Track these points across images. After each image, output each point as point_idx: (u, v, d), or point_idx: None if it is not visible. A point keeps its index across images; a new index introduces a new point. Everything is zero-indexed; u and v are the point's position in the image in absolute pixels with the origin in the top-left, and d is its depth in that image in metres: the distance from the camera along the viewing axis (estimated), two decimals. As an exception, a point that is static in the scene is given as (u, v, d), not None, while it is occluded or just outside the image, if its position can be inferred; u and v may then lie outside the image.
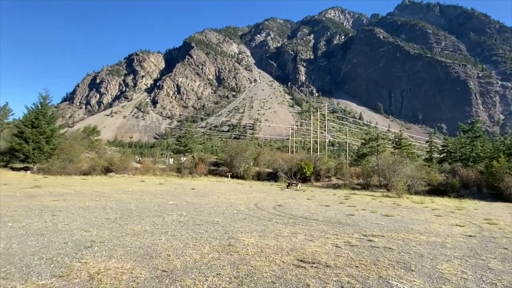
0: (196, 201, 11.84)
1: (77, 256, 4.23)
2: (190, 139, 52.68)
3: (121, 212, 8.24)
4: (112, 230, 5.99)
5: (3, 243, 4.67)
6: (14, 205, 8.48)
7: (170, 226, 6.76)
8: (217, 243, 5.38)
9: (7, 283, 3.20)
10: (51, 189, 13.43)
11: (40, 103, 27.67)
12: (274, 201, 13.17)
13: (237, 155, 36.54)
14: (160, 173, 31.61)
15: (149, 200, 11.32)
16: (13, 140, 25.64)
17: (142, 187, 16.98)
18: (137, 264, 4.01)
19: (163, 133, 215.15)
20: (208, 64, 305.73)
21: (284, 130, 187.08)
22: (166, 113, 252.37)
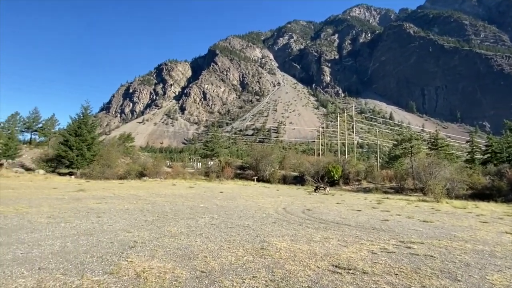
0: (226, 204, 12.10)
1: (123, 255, 4.57)
2: (217, 143, 53.95)
3: (157, 215, 8.70)
4: (151, 232, 6.36)
5: (59, 242, 5.18)
6: (64, 207, 9.34)
7: (203, 228, 7.01)
8: (250, 246, 5.47)
9: (66, 278, 3.56)
10: (93, 192, 14.55)
11: (82, 113, 30.18)
12: (302, 205, 13.02)
13: (262, 158, 36.70)
14: (190, 177, 32.70)
15: (181, 203, 11.80)
16: (60, 148, 28.22)
17: (174, 191, 17.72)
18: (177, 264, 4.23)
19: (191, 138, 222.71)
20: (232, 70, 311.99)
21: (309, 133, 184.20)
22: (193, 119, 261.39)
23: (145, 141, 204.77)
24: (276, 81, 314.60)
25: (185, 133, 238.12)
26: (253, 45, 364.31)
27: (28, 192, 12.95)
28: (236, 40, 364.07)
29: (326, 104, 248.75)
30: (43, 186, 16.84)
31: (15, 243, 4.93)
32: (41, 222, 6.82)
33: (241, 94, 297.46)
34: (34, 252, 4.49)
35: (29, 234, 5.60)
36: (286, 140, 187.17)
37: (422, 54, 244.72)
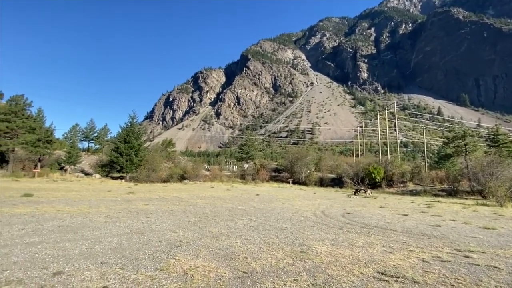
0: (263, 207, 12.21)
1: (170, 253, 4.91)
2: (251, 146, 54.63)
3: (199, 216, 9.14)
4: (194, 232, 6.71)
5: (116, 240, 5.75)
6: (118, 208, 10.32)
7: (242, 230, 7.18)
8: (289, 249, 5.47)
9: (124, 272, 3.94)
10: (141, 194, 15.81)
11: (129, 122, 33.04)
12: (342, 209, 12.55)
13: (298, 160, 36.19)
14: (226, 180, 33.62)
15: (220, 205, 12.22)
16: (112, 154, 31.21)
17: (213, 193, 18.41)
18: (220, 264, 4.41)
19: (227, 142, 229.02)
20: (264, 73, 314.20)
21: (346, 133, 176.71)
22: (228, 123, 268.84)
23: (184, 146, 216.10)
24: (309, 81, 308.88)
25: (220, 137, 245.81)
26: (285, 46, 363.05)
27: (87, 195, 14.57)
28: (267, 44, 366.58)
29: (363, 102, 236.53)
30: (99, 189, 18.79)
31: (81, 240, 5.60)
32: (100, 221, 7.64)
33: (273, 96, 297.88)
34: (96, 248, 5.06)
35: (91, 232, 6.32)
36: (322, 141, 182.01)
37: (475, 41, 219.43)
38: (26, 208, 9.12)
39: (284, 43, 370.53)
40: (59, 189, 17.11)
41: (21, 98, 32.83)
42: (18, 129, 29.72)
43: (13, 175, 26.16)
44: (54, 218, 7.69)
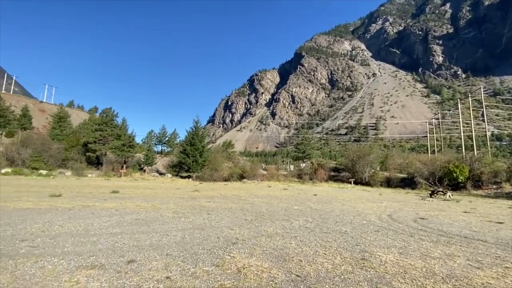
0: (320, 208, 11.71)
1: (227, 250, 5.10)
2: (308, 145, 53.30)
3: (255, 215, 9.31)
4: (250, 230, 6.85)
5: (180, 234, 6.28)
6: (184, 205, 11.32)
7: (298, 231, 6.99)
8: (348, 255, 5.06)
9: (184, 265, 4.25)
10: (205, 192, 17.04)
11: (194, 126, 36.11)
12: (413, 213, 11.09)
13: (359, 159, 33.67)
14: (283, 179, 33.56)
15: (276, 205, 12.22)
16: (180, 156, 34.63)
17: (270, 192, 18.59)
18: (273, 265, 4.36)
19: (283, 141, 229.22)
20: (320, 69, 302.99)
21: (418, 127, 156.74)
22: (283, 123, 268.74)
23: (243, 147, 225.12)
24: (370, 72, 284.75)
25: (277, 137, 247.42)
26: (341, 38, 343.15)
27: (160, 192, 16.46)
28: (322, 38, 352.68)
29: (439, 90, 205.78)
30: (170, 187, 21.04)
31: (152, 232, 6.31)
32: (168, 216, 8.50)
33: (330, 92, 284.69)
34: (163, 241, 5.61)
35: (160, 226, 7.07)
36: (388, 137, 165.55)
37: None
38: (113, 203, 10.82)
39: (341, 35, 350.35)
40: (138, 187, 19.81)
41: (110, 111, 39.32)
42: (108, 137, 35.68)
43: (105, 174, 31.51)
44: (133, 212, 8.89)
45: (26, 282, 3.40)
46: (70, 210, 8.83)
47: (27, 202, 9.98)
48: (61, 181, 22.34)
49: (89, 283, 3.45)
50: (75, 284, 3.39)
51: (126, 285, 3.44)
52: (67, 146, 36.58)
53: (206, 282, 3.62)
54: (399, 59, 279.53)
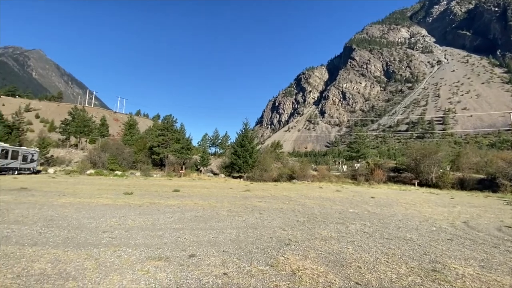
0: (379, 212, 10.80)
1: (280, 251, 5.08)
2: (362, 144, 49.95)
3: (307, 216, 9.09)
4: (303, 232, 6.71)
5: (235, 232, 6.50)
6: (237, 203, 11.72)
7: (355, 235, 6.57)
8: (415, 264, 4.54)
9: (240, 263, 4.37)
10: (255, 192, 17.38)
11: (243, 128, 37.22)
12: (497, 220, 9.39)
13: (425, 158, 30.10)
14: (336, 180, 32.09)
15: (329, 207, 11.72)
16: (232, 157, 36.07)
17: (321, 193, 17.95)
18: (330, 269, 4.17)
19: (333, 141, 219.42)
20: (373, 61, 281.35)
21: (498, 119, 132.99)
22: (334, 121, 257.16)
23: (291, 147, 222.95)
24: (434, 60, 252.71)
25: (326, 136, 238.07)
26: (397, 26, 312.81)
27: (215, 191, 17.37)
28: (374, 28, 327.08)
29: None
30: (224, 186, 22.05)
31: (209, 229, 6.69)
32: (223, 214, 8.90)
33: (386, 85, 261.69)
34: (220, 238, 5.89)
35: (216, 223, 7.44)
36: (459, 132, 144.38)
37: None
38: (175, 201, 11.83)
39: (396, 22, 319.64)
40: (196, 186, 21.28)
41: (170, 117, 43.27)
42: (169, 140, 39.30)
43: (167, 175, 34.73)
44: (192, 210, 9.57)
45: (107, 269, 3.93)
46: (140, 206, 9.97)
47: (106, 199, 11.63)
48: (132, 180, 25.45)
49: (157, 273, 3.81)
50: (146, 273, 3.79)
51: (188, 277, 3.71)
52: (136, 150, 41.52)
53: (262, 281, 3.66)
54: (471, 42, 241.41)
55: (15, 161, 28.31)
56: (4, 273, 3.61)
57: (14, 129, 51.04)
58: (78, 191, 14.37)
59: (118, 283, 3.46)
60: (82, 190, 14.93)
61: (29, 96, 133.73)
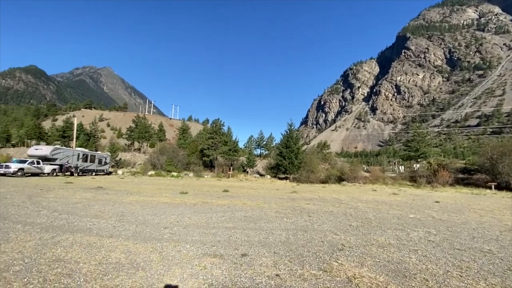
0: (446, 218, 9.56)
1: (333, 256, 4.88)
2: (422, 142, 45.07)
3: (361, 221, 8.55)
4: (357, 237, 6.33)
5: (284, 234, 6.48)
6: (284, 205, 11.68)
7: (418, 244, 5.93)
8: (497, 281, 3.89)
9: (292, 265, 4.33)
10: (303, 194, 17.07)
11: (288, 129, 36.97)
12: None
13: (503, 157, 25.75)
14: (391, 182, 29.58)
15: (385, 211, 10.84)
16: (277, 158, 36.10)
17: (375, 197, 16.72)
18: (391, 280, 3.85)
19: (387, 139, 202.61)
20: (433, 49, 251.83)
21: None
22: (387, 118, 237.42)
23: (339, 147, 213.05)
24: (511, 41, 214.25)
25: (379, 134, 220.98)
26: (461, 6, 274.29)
27: (262, 192, 17.61)
28: (432, 12, 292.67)
29: None
30: (270, 187, 22.21)
31: (259, 230, 6.80)
32: (271, 215, 8.96)
33: (450, 75, 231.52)
34: (270, 239, 5.93)
35: (265, 224, 7.52)
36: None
37: None
38: (225, 201, 12.35)
39: (460, 2, 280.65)
40: (243, 187, 21.90)
41: (218, 121, 45.48)
42: (218, 143, 41.29)
43: (217, 175, 36.49)
44: (241, 210, 9.86)
45: (170, 262, 4.30)
46: (194, 205, 10.68)
47: (165, 198, 12.75)
48: (186, 181, 27.43)
49: (213, 269, 4.02)
50: (203, 269, 4.04)
51: (241, 276, 3.82)
52: (189, 152, 44.67)
53: (315, 286, 3.57)
54: None
55: (93, 164, 33.07)
56: (89, 260, 4.24)
57: (91, 137, 59.74)
58: (142, 190, 16.08)
59: (179, 276, 3.75)
60: (145, 189, 16.67)
61: (101, 107, 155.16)
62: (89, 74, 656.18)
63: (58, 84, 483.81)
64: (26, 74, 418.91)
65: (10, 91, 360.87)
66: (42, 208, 8.60)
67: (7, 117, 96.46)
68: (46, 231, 5.85)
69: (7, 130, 63.25)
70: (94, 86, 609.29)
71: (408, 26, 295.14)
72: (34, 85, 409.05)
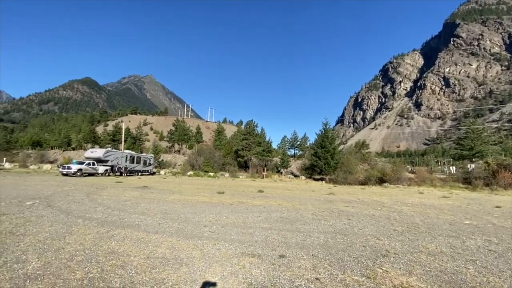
0: (510, 225, 8.41)
1: (377, 262, 4.61)
2: (477, 139, 40.43)
3: (407, 225, 7.94)
4: (402, 244, 5.90)
5: (322, 236, 6.30)
6: (321, 207, 11.36)
7: (476, 253, 5.31)
8: None
9: (332, 270, 4.19)
10: (340, 196, 16.43)
11: (323, 129, 35.93)
12: None
13: None
14: (440, 184, 27.01)
15: (435, 216, 9.91)
16: (312, 158, 35.30)
17: (422, 200, 15.39)
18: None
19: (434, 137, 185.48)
20: (488, 35, 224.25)
21: None
22: (434, 114, 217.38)
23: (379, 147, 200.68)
24: None
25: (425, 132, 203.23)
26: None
27: (297, 193, 17.37)
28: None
29: None
30: (305, 188, 21.80)
31: (295, 231, 6.71)
32: (308, 217, 8.78)
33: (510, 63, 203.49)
34: (307, 241, 5.82)
35: (302, 226, 7.40)
36: None
37: None
38: (260, 201, 12.45)
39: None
40: (278, 187, 21.84)
41: (251, 122, 46.06)
42: (251, 144, 41.81)
43: (251, 176, 36.94)
44: (277, 210, 9.84)
45: (210, 259, 4.46)
46: (231, 205, 10.95)
47: (204, 197, 13.28)
48: (223, 181, 28.27)
49: (252, 269, 4.08)
50: (242, 268, 4.11)
51: (280, 277, 3.81)
52: (225, 153, 45.97)
53: (358, 292, 3.41)
54: None
55: (139, 165, 35.85)
56: (139, 254, 4.60)
57: (137, 140, 64.84)
58: (182, 189, 16.98)
59: (220, 273, 3.88)
60: (185, 189, 17.57)
61: (145, 113, 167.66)
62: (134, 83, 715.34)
63: (108, 93, 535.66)
64: (82, 85, 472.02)
65: (70, 101, 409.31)
66: (98, 205, 9.57)
67: (68, 124, 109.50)
68: (102, 226, 6.50)
69: (68, 135, 71.83)
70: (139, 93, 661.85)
71: (457, 12, 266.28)
72: (89, 94, 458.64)
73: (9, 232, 5.57)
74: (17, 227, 6.01)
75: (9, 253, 4.35)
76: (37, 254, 4.34)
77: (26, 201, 9.76)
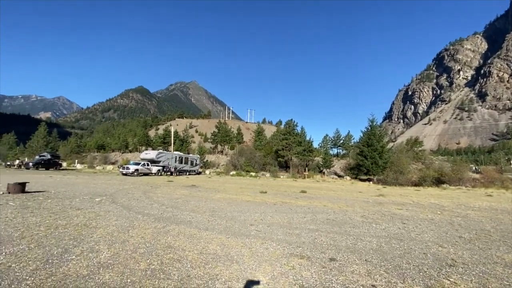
0: None
1: (442, 272, 4.16)
2: None
3: (475, 232, 7.01)
4: (472, 252, 5.22)
5: (375, 241, 5.92)
6: (371, 209, 10.68)
7: None
8: None
9: (389, 277, 3.90)
10: (392, 198, 15.23)
11: (369, 125, 33.77)
12: None
13: None
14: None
15: (510, 222, 8.55)
16: (357, 158, 33.44)
17: (492, 203, 13.43)
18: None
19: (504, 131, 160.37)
20: None
21: None
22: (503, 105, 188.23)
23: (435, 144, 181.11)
24: None
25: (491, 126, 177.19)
26: None
27: (343, 194, 16.62)
28: None
29: None
30: (351, 189, 20.74)
31: (344, 234, 6.42)
32: (357, 220, 8.33)
33: None
34: (359, 245, 5.52)
35: (351, 229, 7.05)
36: None
37: None
38: (304, 201, 12.22)
39: None
40: (321, 188, 21.19)
41: (291, 122, 45.54)
42: (291, 144, 41.34)
43: (292, 176, 36.51)
44: (322, 212, 9.55)
45: (260, 258, 4.52)
46: (274, 204, 10.98)
47: (247, 196, 13.56)
48: (264, 181, 28.51)
49: (302, 271, 4.02)
50: (292, 269, 4.08)
51: (333, 281, 3.68)
52: (265, 153, 46.31)
53: (423, 304, 3.11)
54: None
55: (187, 165, 38.22)
56: (192, 249, 4.89)
57: (184, 142, 69.21)
58: (227, 188, 17.59)
59: (270, 273, 3.90)
60: (229, 188, 18.17)
61: (191, 116, 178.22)
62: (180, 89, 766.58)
63: (158, 99, 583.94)
64: (136, 93, 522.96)
65: (126, 108, 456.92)
66: (153, 202, 10.46)
67: (125, 129, 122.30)
68: (158, 221, 7.08)
69: (126, 139, 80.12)
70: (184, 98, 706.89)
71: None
72: (141, 102, 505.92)
73: (84, 225, 6.41)
74: (90, 221, 6.89)
75: (85, 243, 5.00)
76: (107, 245, 4.91)
77: (95, 197, 11.15)
